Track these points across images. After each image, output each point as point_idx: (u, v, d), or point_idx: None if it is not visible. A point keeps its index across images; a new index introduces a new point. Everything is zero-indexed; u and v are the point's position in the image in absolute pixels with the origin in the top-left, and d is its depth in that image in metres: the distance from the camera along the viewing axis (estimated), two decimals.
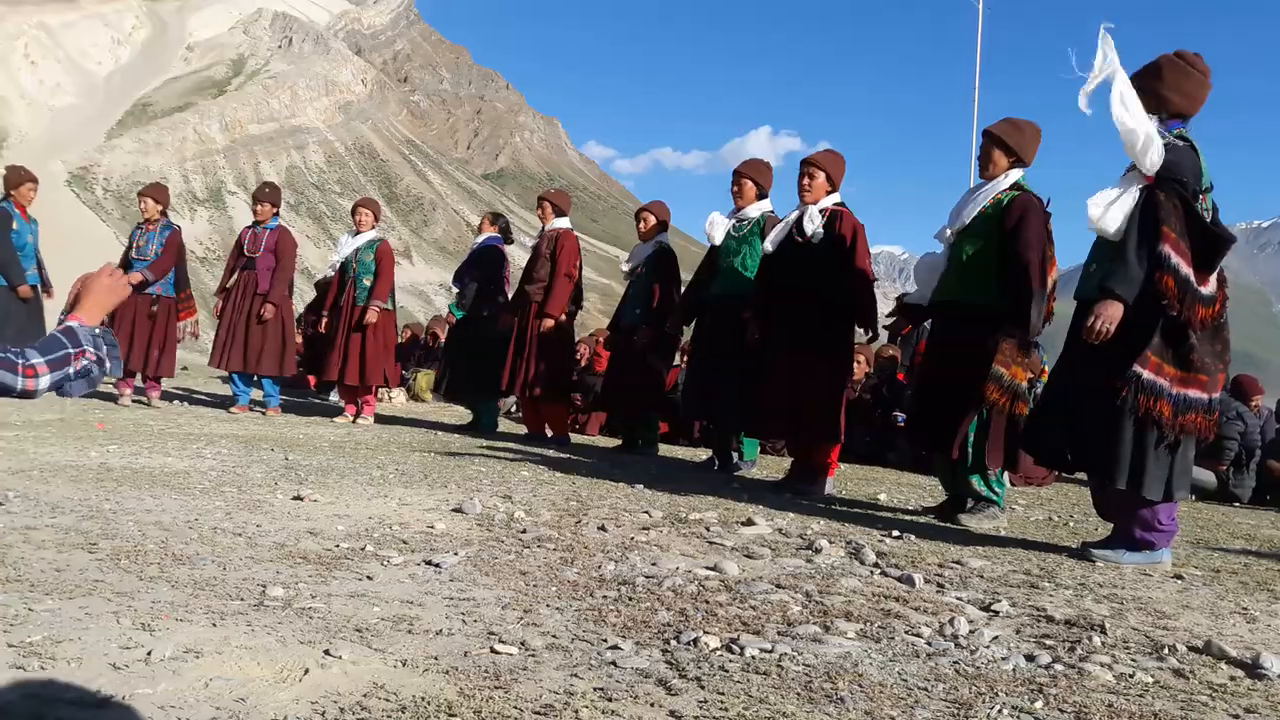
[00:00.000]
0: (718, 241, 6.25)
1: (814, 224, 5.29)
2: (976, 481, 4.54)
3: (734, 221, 6.21)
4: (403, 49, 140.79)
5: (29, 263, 7.85)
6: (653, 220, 7.13)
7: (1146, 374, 3.52)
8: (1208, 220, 3.58)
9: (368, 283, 8.06)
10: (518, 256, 8.19)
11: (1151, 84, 3.70)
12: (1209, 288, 3.55)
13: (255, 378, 8.42)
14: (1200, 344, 3.55)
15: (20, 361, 1.73)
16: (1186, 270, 3.49)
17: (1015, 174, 4.51)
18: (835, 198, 5.43)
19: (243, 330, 8.12)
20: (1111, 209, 3.63)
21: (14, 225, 7.75)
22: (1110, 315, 3.55)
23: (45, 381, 2.05)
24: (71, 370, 1.88)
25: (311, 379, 11.65)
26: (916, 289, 4.88)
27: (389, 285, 8.17)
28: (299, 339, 11.47)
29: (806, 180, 5.41)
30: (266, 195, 8.53)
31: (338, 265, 8.27)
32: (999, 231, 4.41)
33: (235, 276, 8.26)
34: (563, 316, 7.35)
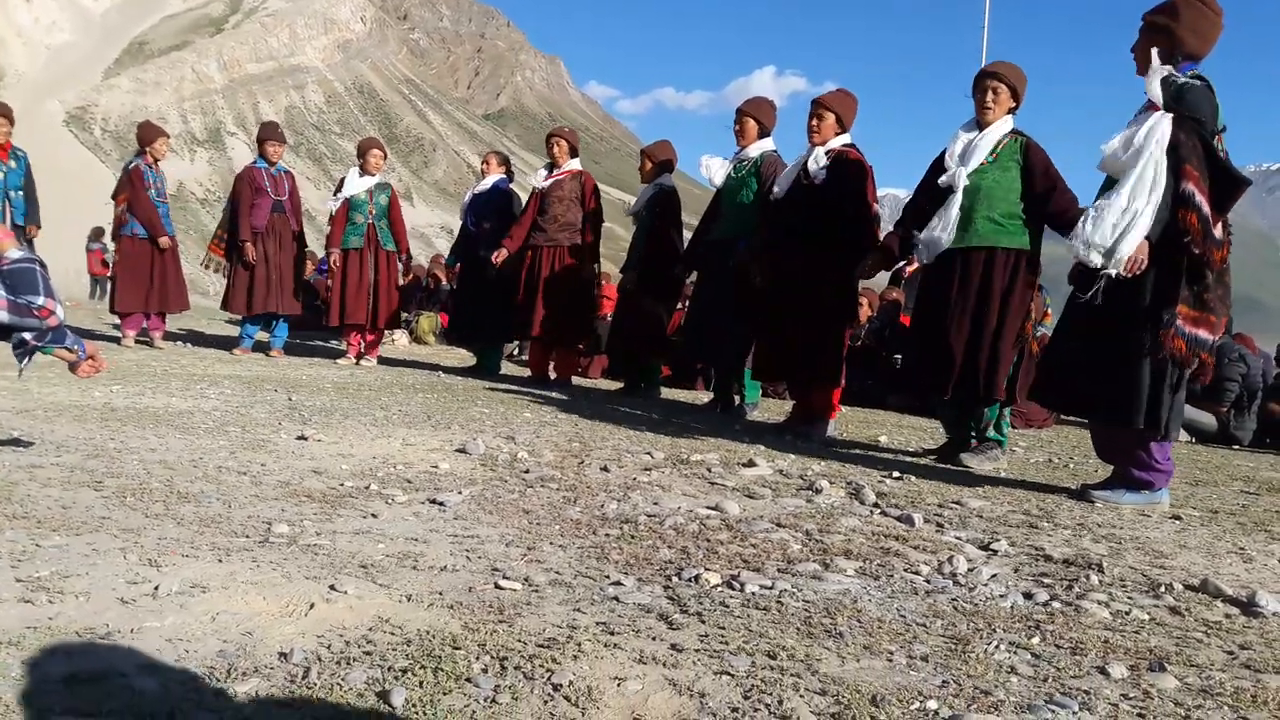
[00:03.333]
0: (718, 183, 6.19)
1: (817, 165, 5.23)
2: (991, 414, 4.56)
3: (734, 162, 6.15)
4: None
5: None
6: (648, 164, 7.05)
7: (1166, 314, 3.54)
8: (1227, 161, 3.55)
9: (386, 227, 8.11)
10: (520, 198, 8.16)
11: (1167, 23, 3.65)
12: (1219, 231, 3.53)
13: (272, 321, 8.44)
14: (1214, 285, 3.55)
15: None
16: (1208, 209, 3.48)
17: (1011, 117, 4.50)
18: (845, 139, 5.35)
19: (286, 275, 8.20)
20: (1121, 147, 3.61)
21: None
22: (1138, 253, 3.54)
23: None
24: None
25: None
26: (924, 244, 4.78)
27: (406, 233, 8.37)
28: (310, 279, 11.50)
29: (815, 121, 5.35)
30: (279, 134, 8.49)
31: (342, 200, 8.18)
32: (1027, 177, 4.37)
33: (267, 220, 8.18)
34: (595, 263, 7.41)
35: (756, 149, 6.07)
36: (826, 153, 5.27)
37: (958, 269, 4.49)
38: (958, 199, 4.43)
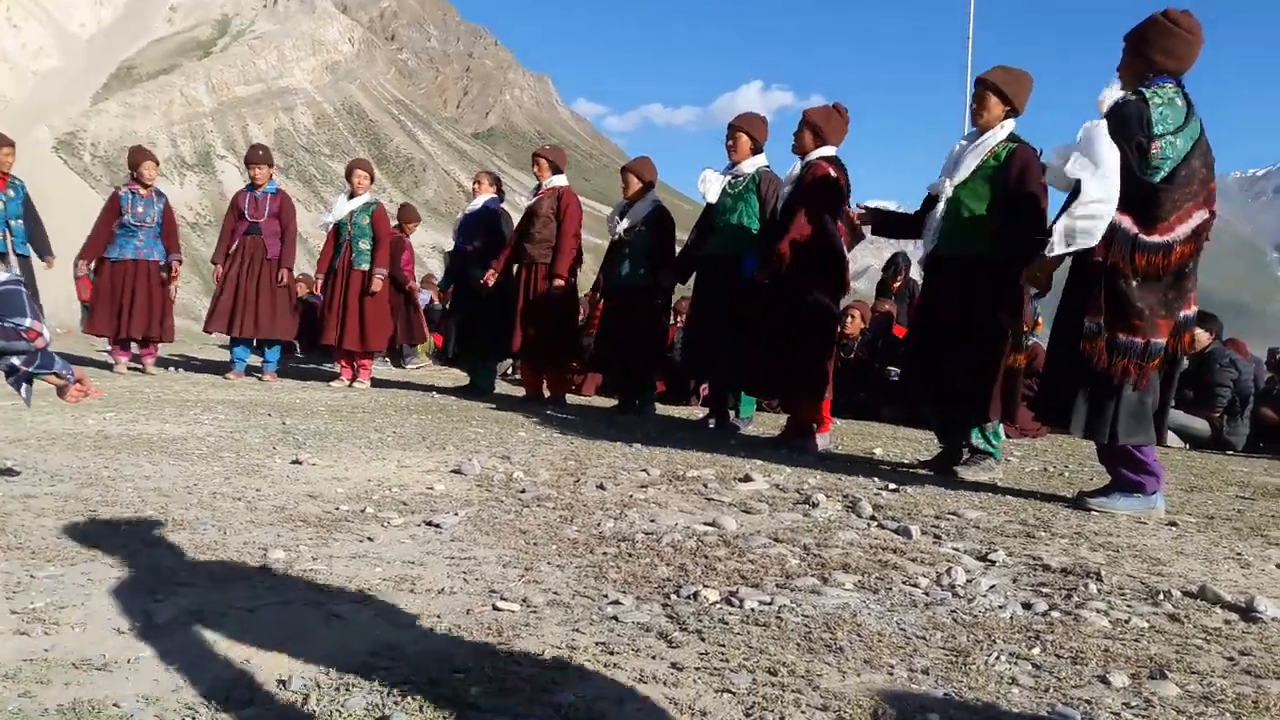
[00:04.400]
0: (712, 199, 6.20)
1: (790, 179, 5.36)
2: (975, 435, 4.56)
3: (729, 178, 6.17)
4: (389, 5, 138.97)
5: None
6: (636, 182, 7.07)
7: (1088, 321, 3.67)
8: (1143, 170, 3.61)
9: (364, 246, 8.04)
10: (511, 217, 8.18)
11: (1140, 48, 3.76)
12: (1164, 236, 3.59)
13: (255, 343, 8.42)
14: (1139, 290, 3.62)
15: None
16: (1116, 219, 3.58)
17: (1009, 124, 4.48)
18: (824, 152, 5.39)
19: (252, 296, 8.06)
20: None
21: None
22: (1043, 265, 3.83)
23: None
24: None
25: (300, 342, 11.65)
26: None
27: (389, 250, 8.22)
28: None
29: (796, 134, 5.46)
30: (262, 158, 8.37)
31: (330, 226, 8.21)
32: (1001, 185, 4.38)
33: (238, 242, 8.16)
34: (571, 279, 7.36)
35: (750, 165, 6.09)
36: (803, 166, 5.35)
37: (940, 279, 4.60)
38: (940, 208, 4.53)
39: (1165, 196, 3.58)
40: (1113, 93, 3.73)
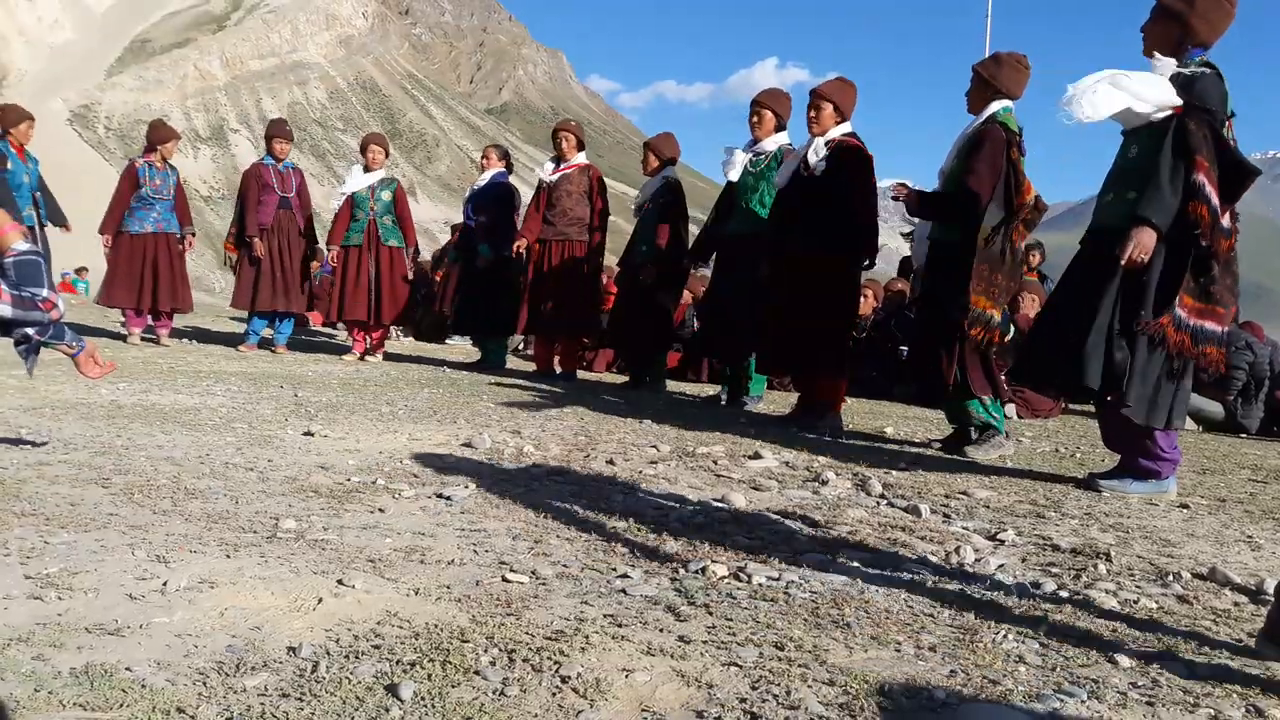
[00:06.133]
0: (734, 178, 6.16)
1: (817, 156, 5.25)
2: (975, 408, 4.55)
3: (750, 156, 6.12)
4: None
5: (24, 202, 7.72)
6: (654, 159, 7.03)
7: (1170, 306, 3.50)
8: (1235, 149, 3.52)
9: (390, 222, 8.08)
10: (521, 191, 8.18)
11: (1182, 10, 3.61)
12: (1225, 221, 3.51)
13: (277, 318, 8.46)
14: (1223, 275, 3.53)
15: None
16: (1216, 201, 3.44)
17: (994, 107, 4.50)
18: (845, 128, 5.34)
19: (287, 271, 8.19)
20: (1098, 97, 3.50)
21: (8, 165, 7.64)
22: (1145, 243, 3.47)
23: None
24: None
25: (317, 316, 11.68)
26: (916, 229, 4.95)
27: (414, 228, 8.38)
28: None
29: (814, 112, 5.34)
30: (286, 131, 8.48)
31: (347, 195, 8.21)
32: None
33: (274, 217, 8.20)
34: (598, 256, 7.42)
35: (773, 142, 6.03)
36: (826, 143, 5.27)
37: (936, 259, 4.71)
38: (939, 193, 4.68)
39: (1249, 181, 3.49)
40: (1166, 69, 3.54)
